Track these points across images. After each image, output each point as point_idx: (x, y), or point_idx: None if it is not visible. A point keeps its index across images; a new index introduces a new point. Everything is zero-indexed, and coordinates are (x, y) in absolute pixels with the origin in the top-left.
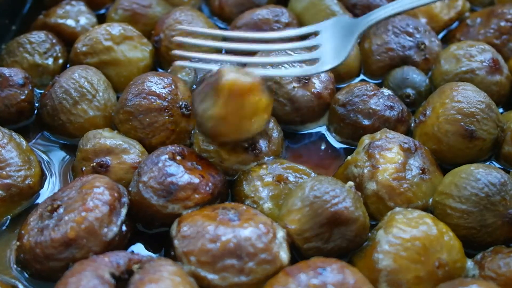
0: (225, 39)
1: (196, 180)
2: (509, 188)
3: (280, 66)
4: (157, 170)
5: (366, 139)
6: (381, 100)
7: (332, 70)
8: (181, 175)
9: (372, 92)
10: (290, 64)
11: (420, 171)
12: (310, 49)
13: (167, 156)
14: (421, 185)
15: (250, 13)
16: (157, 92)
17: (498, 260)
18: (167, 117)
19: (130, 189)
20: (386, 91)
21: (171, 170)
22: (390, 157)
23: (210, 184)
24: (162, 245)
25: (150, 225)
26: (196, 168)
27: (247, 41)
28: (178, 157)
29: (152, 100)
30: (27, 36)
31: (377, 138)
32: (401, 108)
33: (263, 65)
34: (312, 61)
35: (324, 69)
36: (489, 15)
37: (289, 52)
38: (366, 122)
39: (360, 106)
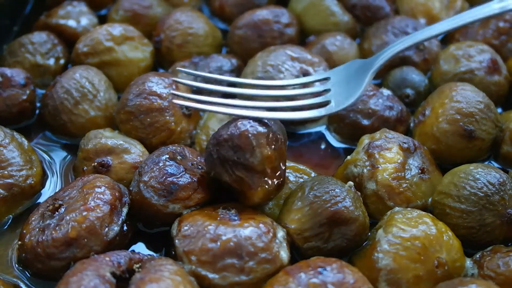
0: (232, 85)
1: (197, 180)
2: (508, 188)
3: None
4: (157, 170)
5: (365, 139)
6: (380, 100)
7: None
8: (181, 175)
9: (372, 92)
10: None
11: (420, 171)
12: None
13: (167, 156)
14: (420, 185)
15: (250, 13)
16: (158, 92)
17: (497, 259)
18: (168, 117)
19: (131, 188)
20: (386, 91)
21: (171, 170)
22: (389, 157)
23: (210, 184)
24: (163, 244)
25: (150, 224)
26: (196, 168)
27: (255, 87)
28: (179, 157)
29: (153, 100)
30: (28, 36)
31: (377, 138)
32: (400, 108)
33: (275, 110)
34: (324, 103)
35: (335, 110)
36: None
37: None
38: (365, 122)
39: (360, 106)
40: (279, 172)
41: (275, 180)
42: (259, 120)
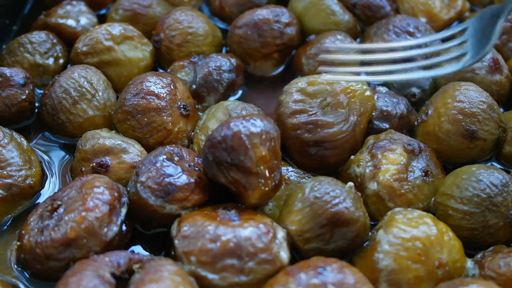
0: (364, 52)
1: (194, 181)
2: (511, 189)
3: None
4: (155, 170)
5: (370, 139)
6: (385, 99)
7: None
8: (179, 175)
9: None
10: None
11: (423, 174)
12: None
13: (165, 157)
14: (422, 188)
15: (250, 13)
16: (156, 92)
17: (498, 259)
18: (165, 117)
19: (128, 189)
20: (383, 88)
21: (169, 171)
22: (392, 158)
23: (208, 185)
24: (163, 246)
25: (148, 225)
26: (194, 169)
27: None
28: (176, 158)
29: (151, 100)
30: (27, 36)
31: (381, 139)
32: (404, 101)
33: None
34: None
35: (471, 62)
36: None
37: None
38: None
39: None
40: (274, 172)
41: (271, 180)
42: (252, 120)
